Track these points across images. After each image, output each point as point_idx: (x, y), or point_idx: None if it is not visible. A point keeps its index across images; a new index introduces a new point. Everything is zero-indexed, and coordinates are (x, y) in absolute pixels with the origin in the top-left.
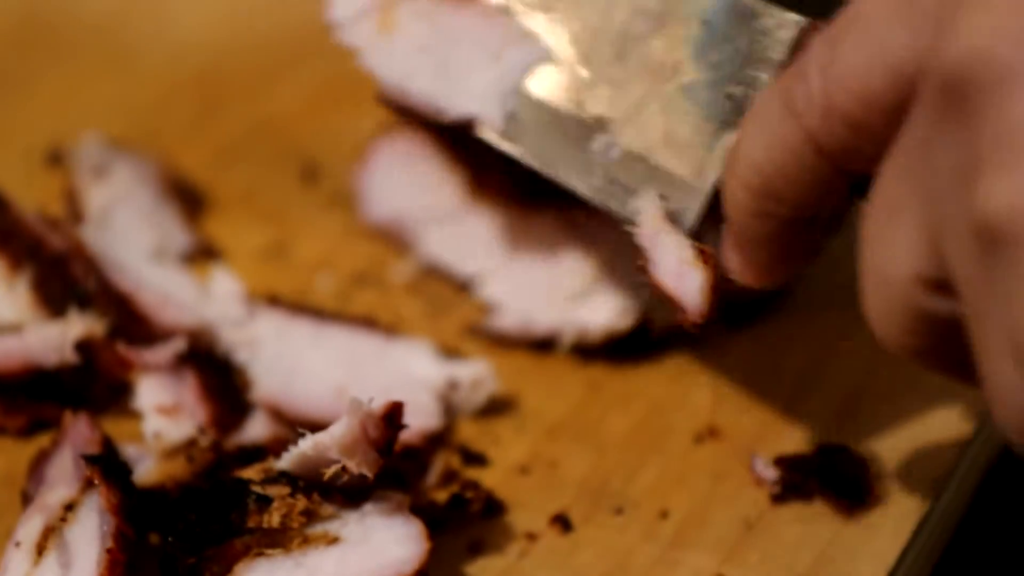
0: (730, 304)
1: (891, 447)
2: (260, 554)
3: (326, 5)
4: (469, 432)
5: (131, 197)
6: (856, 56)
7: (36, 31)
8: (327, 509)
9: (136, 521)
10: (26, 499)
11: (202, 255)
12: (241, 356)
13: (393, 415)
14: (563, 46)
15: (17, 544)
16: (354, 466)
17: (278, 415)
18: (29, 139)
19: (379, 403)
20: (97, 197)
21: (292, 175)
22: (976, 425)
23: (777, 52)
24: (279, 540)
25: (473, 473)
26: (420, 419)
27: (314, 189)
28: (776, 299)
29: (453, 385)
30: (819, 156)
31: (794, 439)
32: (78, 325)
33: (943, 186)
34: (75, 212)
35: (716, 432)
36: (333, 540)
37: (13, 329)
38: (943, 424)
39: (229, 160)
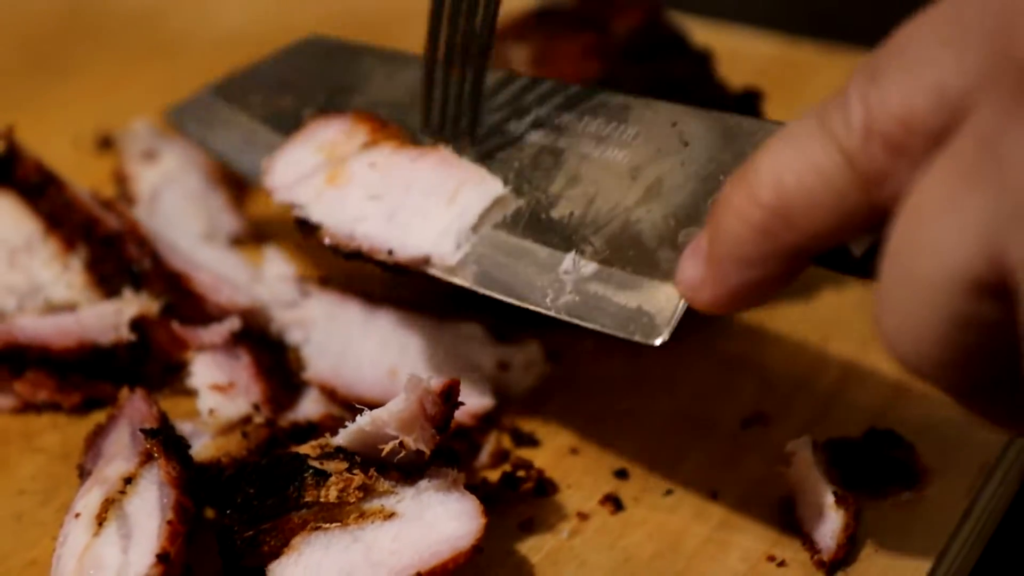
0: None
1: (939, 432)
2: (317, 528)
3: (267, 173)
4: (519, 413)
5: (180, 181)
6: (901, 82)
7: (84, 21)
8: (383, 485)
9: (194, 494)
10: (83, 473)
11: (250, 238)
12: (294, 336)
13: (450, 392)
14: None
15: (76, 515)
16: (412, 442)
17: (330, 394)
18: (78, 125)
19: (436, 380)
20: (147, 181)
21: None
22: None
23: None
24: (336, 514)
25: (524, 453)
26: (472, 399)
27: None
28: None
29: (504, 366)
30: (852, 180)
31: (842, 424)
32: (133, 304)
33: (1015, 181)
34: (126, 195)
35: (764, 417)
36: (389, 515)
37: (68, 308)
38: None
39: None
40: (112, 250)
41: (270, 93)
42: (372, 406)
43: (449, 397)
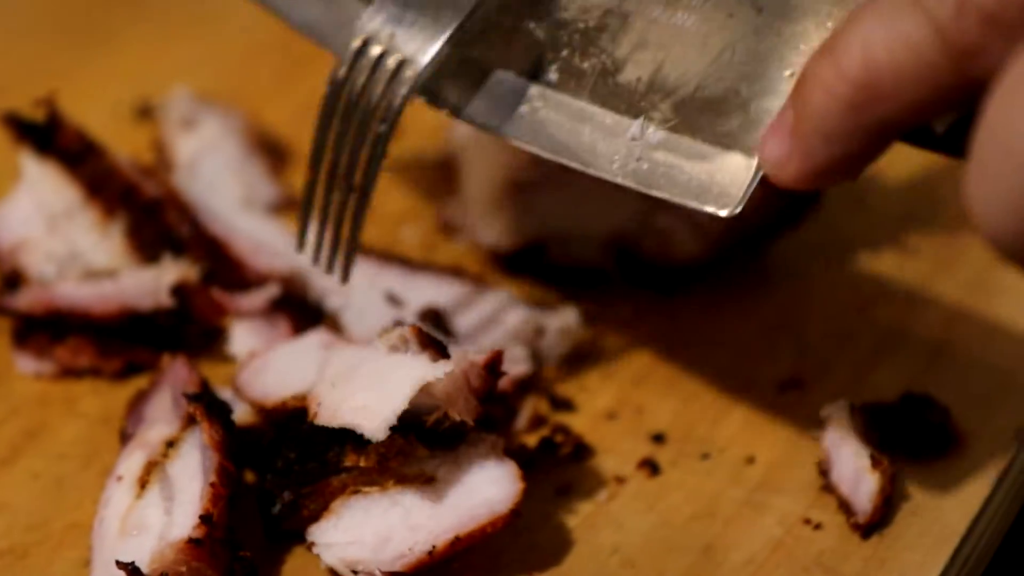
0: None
1: (974, 396)
2: (356, 492)
3: None
4: (556, 378)
5: (219, 149)
6: None
7: None
8: (423, 449)
9: (235, 458)
10: (124, 437)
11: (289, 207)
12: (332, 303)
13: (494, 364)
14: (582, 38)
15: (119, 478)
16: (456, 413)
17: None
18: (117, 93)
19: (480, 352)
20: (186, 148)
21: None
22: None
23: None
24: (375, 479)
25: (561, 418)
26: (510, 365)
27: (398, 143)
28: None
29: (540, 332)
30: (944, 53)
31: (878, 388)
32: (172, 270)
33: None
34: (165, 163)
35: (800, 381)
36: (429, 480)
37: (108, 274)
38: None
39: (313, 116)
40: (152, 217)
41: None
42: None
43: (493, 368)
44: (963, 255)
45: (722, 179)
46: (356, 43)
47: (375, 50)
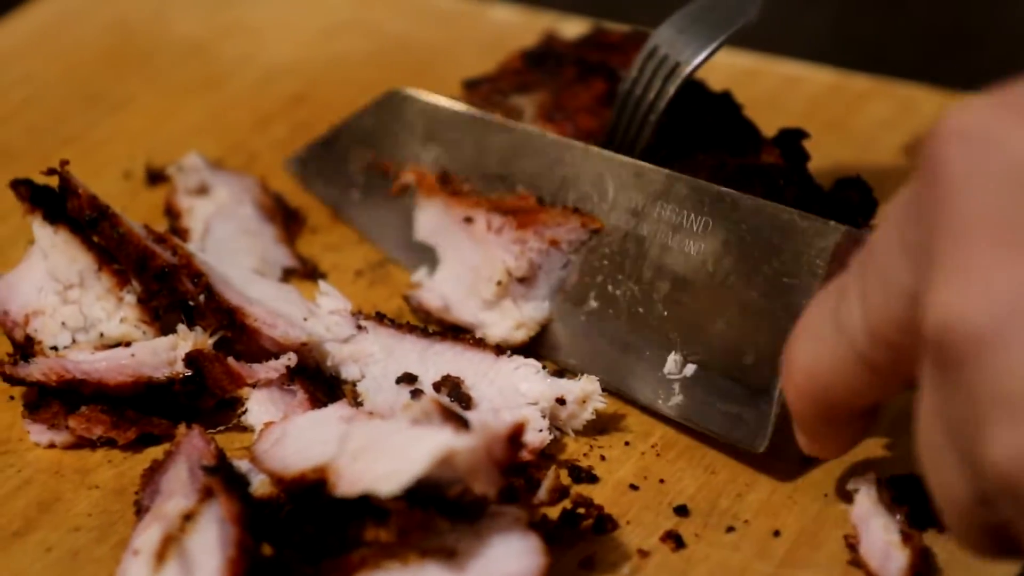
0: None
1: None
2: (377, 567)
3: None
4: (576, 449)
5: (233, 214)
6: (879, 286)
7: (134, 54)
8: (444, 522)
9: (253, 531)
10: (140, 509)
11: (303, 273)
12: (350, 371)
13: (516, 436)
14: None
15: (136, 552)
16: (478, 487)
17: None
18: (128, 159)
19: (502, 424)
20: (199, 214)
21: None
22: None
23: (819, 264)
24: (396, 553)
25: (583, 489)
26: (530, 434)
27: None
28: None
29: (561, 401)
30: (870, 370)
31: (906, 459)
32: (187, 339)
33: (960, 436)
34: (178, 229)
35: None
36: (450, 554)
37: (122, 343)
38: None
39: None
40: (166, 284)
41: (364, 148)
42: None
43: (515, 440)
44: None
45: (748, 417)
46: (646, 50)
47: (659, 55)
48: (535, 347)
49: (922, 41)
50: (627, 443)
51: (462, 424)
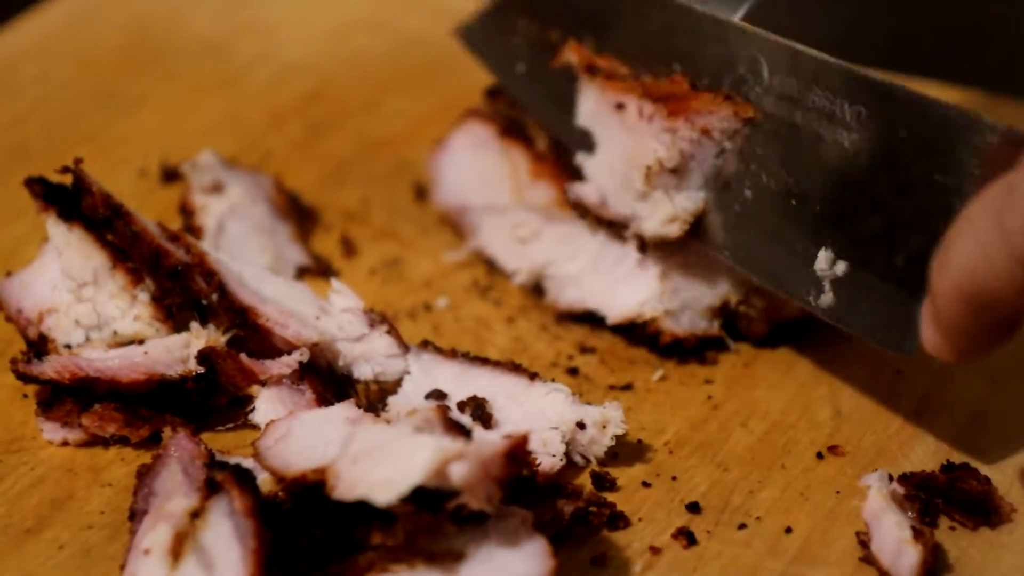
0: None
1: (1016, 464)
2: (384, 570)
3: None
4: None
5: (246, 213)
6: None
7: (149, 53)
8: (451, 526)
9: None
10: (134, 513)
11: (316, 270)
12: (362, 371)
13: (515, 453)
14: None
15: (147, 551)
16: (475, 501)
17: None
18: (143, 157)
19: (502, 441)
20: (213, 213)
21: (404, 193)
22: None
23: (974, 163)
24: (403, 557)
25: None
26: (544, 460)
27: (426, 206)
28: None
29: (581, 425)
30: None
31: (917, 457)
32: (200, 337)
33: None
34: (192, 227)
35: (838, 449)
36: (458, 557)
37: (136, 341)
38: None
39: (339, 179)
40: (179, 283)
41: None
42: None
43: (515, 457)
44: None
45: (897, 320)
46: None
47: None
48: (691, 235)
49: (935, 39)
50: (640, 440)
51: (461, 434)
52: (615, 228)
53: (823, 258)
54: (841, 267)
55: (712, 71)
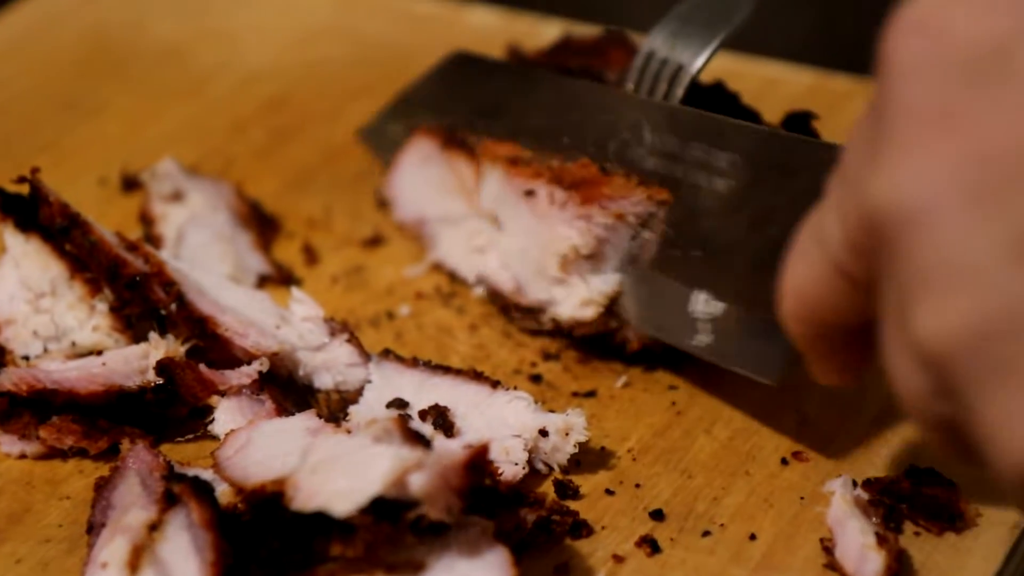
0: None
1: (981, 470)
2: None
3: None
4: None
5: (207, 221)
6: (849, 191)
7: (109, 59)
8: (411, 537)
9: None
10: (92, 526)
11: (277, 279)
12: (321, 380)
13: (475, 463)
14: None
15: (104, 565)
16: (434, 512)
17: None
18: (103, 165)
19: (461, 452)
20: (173, 221)
21: (367, 201)
22: None
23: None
24: (363, 568)
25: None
26: (507, 468)
27: (389, 214)
28: None
29: (544, 433)
30: (848, 283)
31: (882, 463)
32: (159, 347)
33: (900, 321)
34: (152, 236)
35: (802, 455)
36: (418, 567)
37: (94, 352)
38: None
39: (302, 187)
40: (138, 293)
41: (428, 113)
42: None
43: (475, 468)
44: None
45: (768, 350)
46: (642, 55)
47: (657, 59)
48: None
49: None
50: (603, 447)
51: (420, 443)
52: (532, 314)
53: (700, 300)
54: (717, 307)
55: (597, 139)
